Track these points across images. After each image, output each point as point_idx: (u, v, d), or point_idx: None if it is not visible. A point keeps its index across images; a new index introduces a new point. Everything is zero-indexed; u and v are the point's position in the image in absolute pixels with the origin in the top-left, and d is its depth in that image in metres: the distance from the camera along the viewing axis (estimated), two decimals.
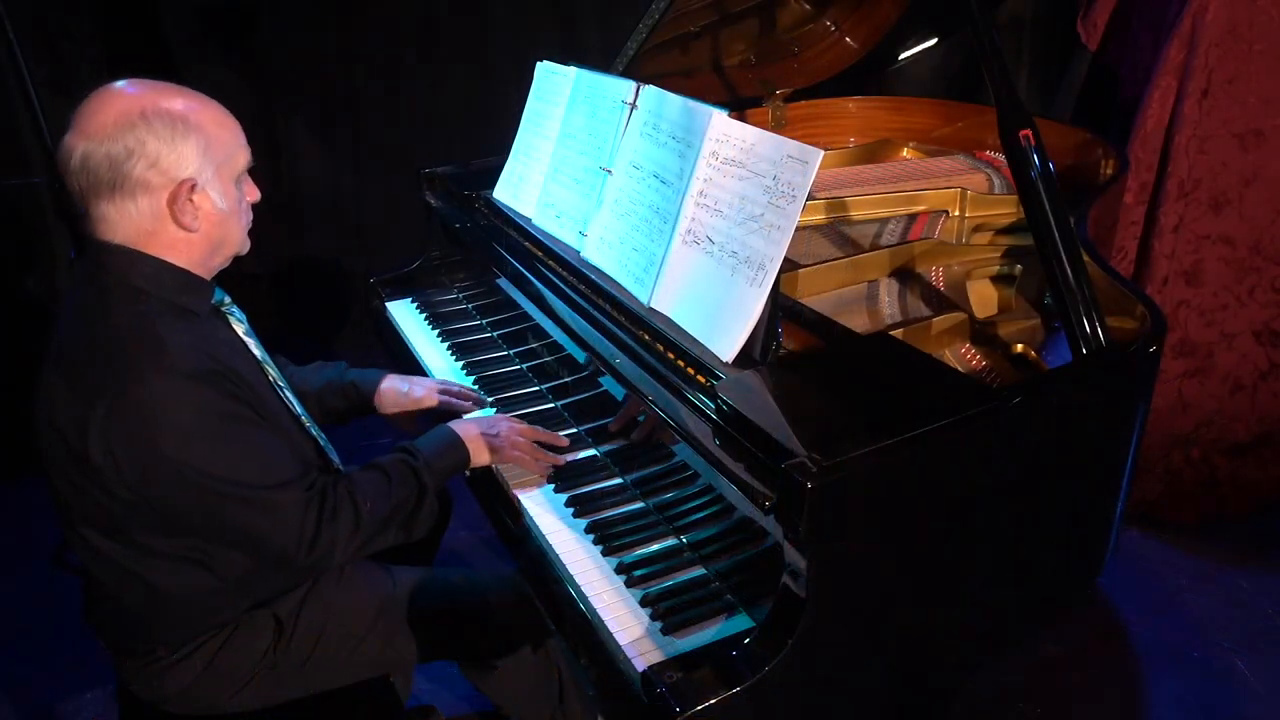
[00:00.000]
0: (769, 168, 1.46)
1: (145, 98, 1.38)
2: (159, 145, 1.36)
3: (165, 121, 1.36)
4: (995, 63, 1.51)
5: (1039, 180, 1.48)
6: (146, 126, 1.35)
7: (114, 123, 1.34)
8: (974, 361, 1.61)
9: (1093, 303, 1.46)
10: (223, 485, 1.37)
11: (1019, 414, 1.33)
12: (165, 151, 1.36)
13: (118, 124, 1.34)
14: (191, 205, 1.41)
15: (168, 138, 1.36)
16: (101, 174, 1.35)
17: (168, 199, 1.39)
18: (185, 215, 1.41)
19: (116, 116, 1.35)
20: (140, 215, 1.39)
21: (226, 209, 1.46)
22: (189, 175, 1.39)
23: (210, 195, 1.43)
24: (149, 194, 1.38)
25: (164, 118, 1.37)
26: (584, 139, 1.91)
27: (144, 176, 1.36)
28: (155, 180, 1.37)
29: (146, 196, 1.38)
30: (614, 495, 1.66)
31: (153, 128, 1.36)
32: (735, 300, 1.45)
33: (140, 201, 1.38)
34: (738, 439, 1.30)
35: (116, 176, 1.35)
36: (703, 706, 1.18)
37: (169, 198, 1.39)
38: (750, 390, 1.35)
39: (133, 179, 1.36)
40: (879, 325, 1.70)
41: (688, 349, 1.49)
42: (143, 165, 1.35)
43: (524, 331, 2.07)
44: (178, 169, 1.38)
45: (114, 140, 1.34)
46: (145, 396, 1.32)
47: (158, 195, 1.38)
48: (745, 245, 1.46)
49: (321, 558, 1.46)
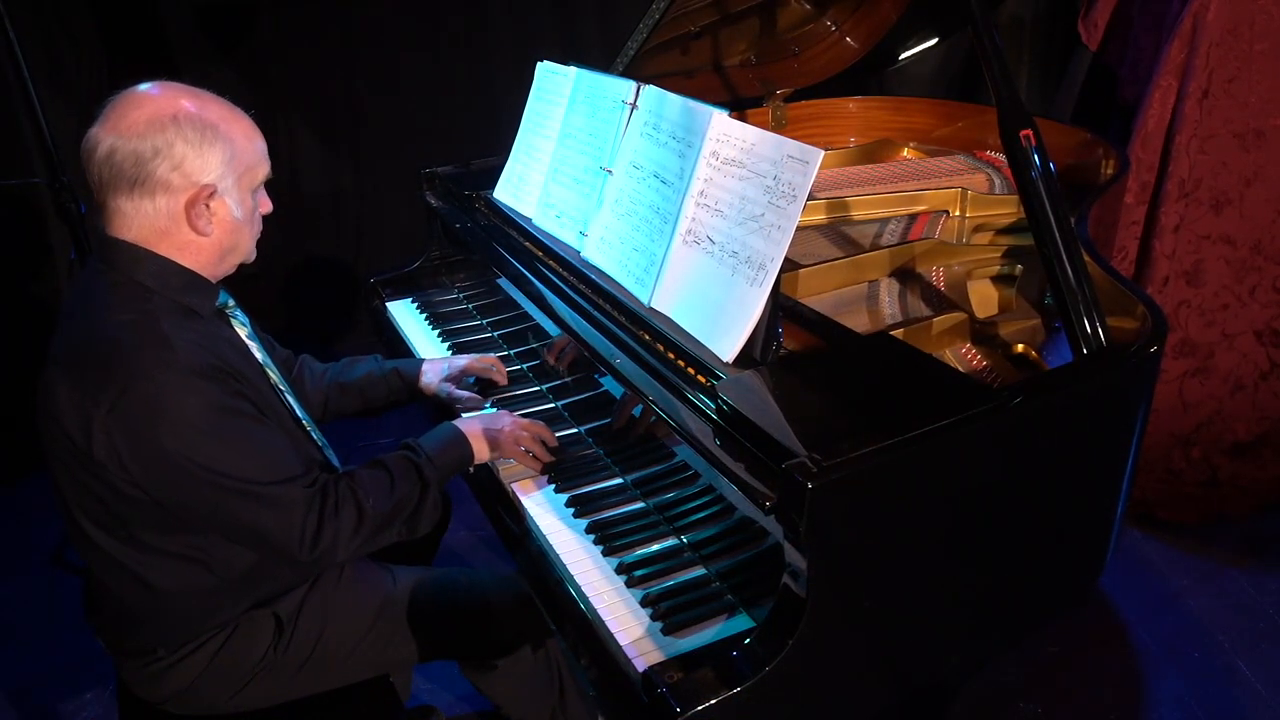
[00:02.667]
0: (769, 168, 1.46)
1: (180, 102, 1.40)
2: (186, 149, 1.38)
3: (196, 127, 1.39)
4: (995, 63, 1.51)
5: (1039, 180, 1.48)
6: (177, 129, 1.38)
7: (146, 121, 1.37)
8: (974, 361, 1.61)
9: (1093, 303, 1.46)
10: (226, 480, 1.38)
11: (1020, 414, 1.33)
12: (191, 156, 1.39)
13: (150, 123, 1.37)
14: (208, 211, 1.44)
15: (196, 142, 1.39)
16: (125, 169, 1.37)
17: (186, 202, 1.41)
18: (200, 219, 1.43)
19: (150, 116, 1.37)
20: (156, 214, 1.41)
21: (241, 218, 1.48)
22: (210, 181, 1.42)
23: (227, 203, 1.45)
24: (168, 194, 1.40)
25: (195, 123, 1.39)
26: (584, 139, 1.91)
27: (166, 177, 1.39)
28: (177, 182, 1.40)
29: (165, 196, 1.40)
30: (614, 495, 1.66)
31: (183, 131, 1.38)
32: (735, 300, 1.45)
33: (158, 201, 1.40)
34: (738, 439, 1.30)
35: (140, 173, 1.37)
36: (703, 707, 1.18)
37: (187, 201, 1.41)
38: (750, 390, 1.35)
39: (155, 178, 1.38)
40: (879, 325, 1.70)
41: (688, 349, 1.49)
42: (167, 166, 1.38)
43: (524, 331, 2.07)
44: (200, 174, 1.40)
45: (143, 138, 1.36)
46: (149, 392, 1.33)
47: (176, 197, 1.41)
48: (745, 245, 1.46)
49: (324, 554, 1.46)
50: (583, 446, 1.79)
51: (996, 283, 1.90)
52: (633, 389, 1.56)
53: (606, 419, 1.76)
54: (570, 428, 1.85)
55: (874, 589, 1.30)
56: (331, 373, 1.94)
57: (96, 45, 3.48)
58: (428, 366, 1.98)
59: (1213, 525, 2.84)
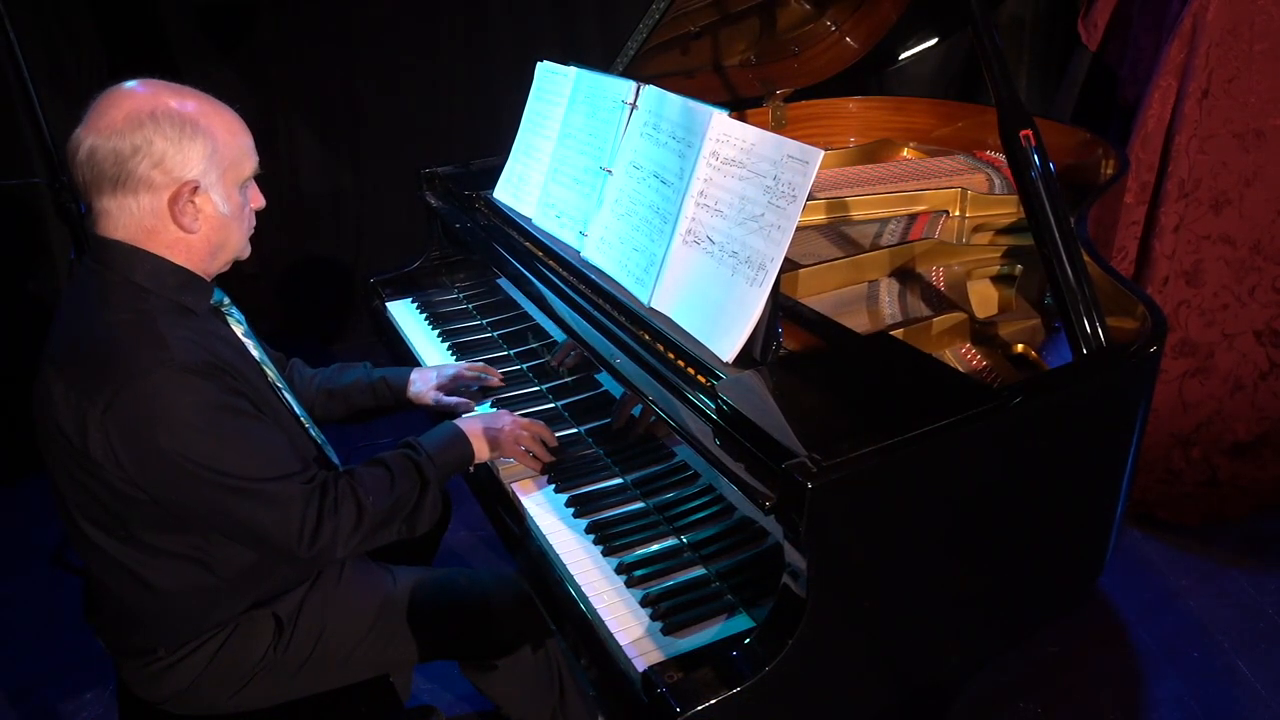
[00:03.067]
0: (769, 168, 1.46)
1: (158, 98, 1.39)
2: (165, 145, 1.37)
3: (174, 122, 1.38)
4: (995, 63, 1.51)
5: (1039, 180, 1.48)
6: (155, 126, 1.36)
7: (124, 119, 1.36)
8: (974, 361, 1.61)
9: (1093, 302, 1.46)
10: (224, 478, 1.37)
11: (1019, 414, 1.33)
12: (171, 152, 1.38)
13: (128, 121, 1.36)
14: (193, 207, 1.42)
15: (175, 138, 1.38)
16: (106, 169, 1.36)
17: (169, 199, 1.40)
18: (185, 216, 1.42)
19: (127, 114, 1.36)
20: (141, 212, 1.40)
21: (228, 213, 1.46)
22: (192, 177, 1.40)
23: (212, 198, 1.44)
24: (151, 192, 1.39)
25: (174, 119, 1.38)
26: (584, 139, 1.91)
27: (147, 175, 1.37)
28: (158, 179, 1.38)
29: (148, 194, 1.39)
30: (614, 495, 1.66)
31: (161, 128, 1.37)
32: (735, 300, 1.45)
33: (142, 199, 1.39)
34: (738, 439, 1.30)
35: (120, 172, 1.36)
36: (703, 707, 1.18)
37: (170, 198, 1.40)
38: (750, 390, 1.35)
39: (136, 176, 1.37)
40: (879, 325, 1.70)
41: (688, 349, 1.49)
42: (147, 164, 1.37)
43: (524, 331, 2.07)
44: (182, 170, 1.39)
45: (122, 137, 1.35)
46: (145, 391, 1.33)
47: (159, 194, 1.39)
48: (745, 245, 1.46)
49: (323, 550, 1.46)
50: (583, 446, 1.79)
51: (996, 283, 1.90)
52: (633, 389, 1.56)
53: (606, 419, 1.76)
54: (570, 428, 1.85)
55: (874, 589, 1.30)
56: (320, 378, 1.92)
57: (96, 45, 3.47)
58: (416, 375, 1.95)
59: (1213, 525, 2.84)
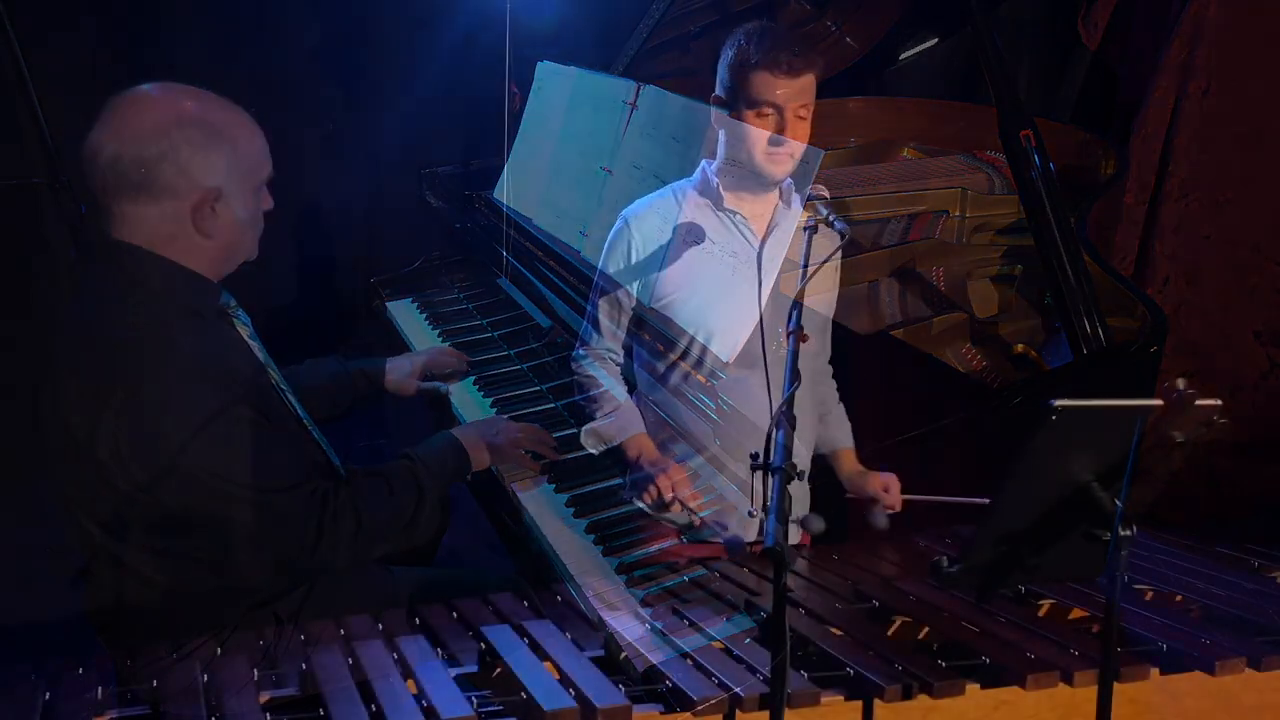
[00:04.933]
0: None
1: (183, 104, 1.37)
2: (191, 152, 1.35)
3: (200, 129, 1.36)
4: (995, 63, 1.52)
5: (1039, 180, 1.48)
6: (181, 132, 1.35)
7: (150, 126, 1.34)
8: (974, 361, 1.61)
9: (1093, 302, 1.46)
10: (228, 486, 1.37)
11: (1019, 414, 1.33)
12: (197, 159, 1.36)
13: (154, 127, 1.34)
14: (213, 214, 1.41)
15: (201, 145, 1.36)
16: (130, 174, 1.34)
17: (192, 206, 1.39)
18: (206, 222, 1.41)
19: (153, 119, 1.34)
20: (162, 218, 1.39)
21: (245, 219, 1.46)
22: (216, 184, 1.39)
23: (232, 205, 1.42)
24: (174, 199, 1.37)
25: (199, 126, 1.36)
26: (584, 139, 1.91)
27: (172, 181, 1.36)
28: (182, 186, 1.37)
29: (171, 201, 1.37)
30: (614, 495, 1.66)
31: (187, 134, 1.35)
32: (736, 300, 1.45)
33: (164, 205, 1.37)
34: (738, 439, 1.30)
35: (145, 178, 1.34)
36: (703, 707, 1.18)
37: (193, 205, 1.39)
38: (752, 390, 1.35)
39: (160, 183, 1.35)
40: (879, 325, 1.70)
41: (688, 349, 1.48)
42: (172, 170, 1.35)
43: (524, 331, 2.07)
44: (206, 177, 1.38)
45: (147, 143, 1.33)
46: (156, 396, 1.32)
47: (182, 201, 1.38)
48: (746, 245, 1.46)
49: (322, 561, 1.46)
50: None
51: (996, 283, 1.90)
52: (632, 388, 1.55)
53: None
54: (570, 428, 1.85)
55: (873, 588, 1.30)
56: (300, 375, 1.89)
57: (97, 45, 3.47)
58: (391, 365, 1.94)
59: (1213, 525, 2.83)
